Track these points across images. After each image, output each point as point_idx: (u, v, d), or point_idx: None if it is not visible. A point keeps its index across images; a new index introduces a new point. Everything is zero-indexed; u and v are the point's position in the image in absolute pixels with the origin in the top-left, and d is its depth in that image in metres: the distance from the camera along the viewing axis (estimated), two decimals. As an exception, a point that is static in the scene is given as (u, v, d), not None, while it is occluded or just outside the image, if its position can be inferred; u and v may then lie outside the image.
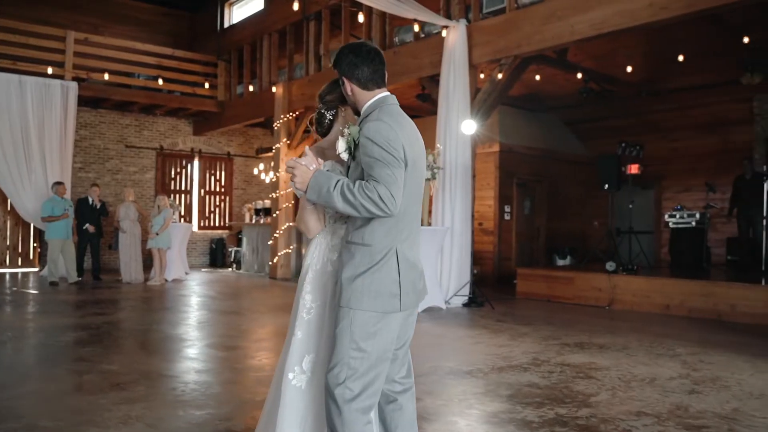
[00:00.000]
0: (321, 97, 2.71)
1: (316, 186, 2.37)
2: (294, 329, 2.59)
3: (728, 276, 9.27)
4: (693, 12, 7.08)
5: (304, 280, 2.62)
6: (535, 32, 8.40)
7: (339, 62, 2.55)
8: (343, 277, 2.44)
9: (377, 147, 2.34)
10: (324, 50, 12.10)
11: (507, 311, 8.69)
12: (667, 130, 13.47)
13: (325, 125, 2.72)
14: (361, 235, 2.44)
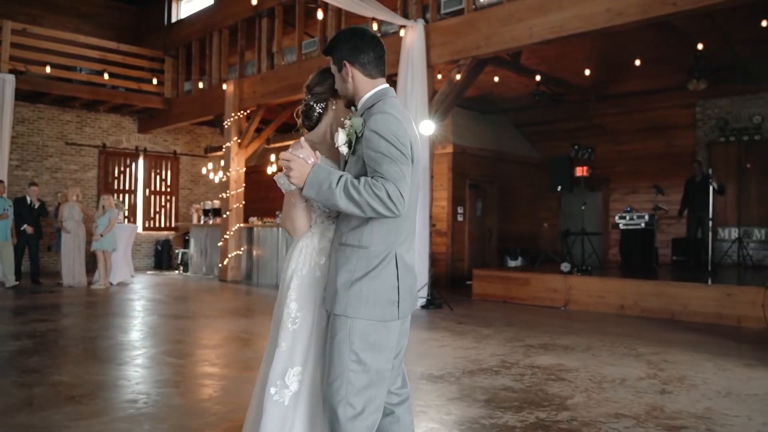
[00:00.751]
0: (309, 88, 2.53)
1: (315, 181, 2.16)
2: (278, 340, 2.38)
3: (678, 276, 9.50)
4: (647, 18, 7.21)
5: (289, 286, 2.41)
6: (494, 34, 8.41)
7: (339, 45, 2.37)
8: (338, 282, 2.26)
9: (384, 141, 2.16)
10: (277, 48, 11.86)
11: (466, 313, 8.67)
12: (614, 134, 13.78)
13: (314, 118, 2.54)
14: (358, 236, 2.26)
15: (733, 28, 9.14)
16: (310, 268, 2.42)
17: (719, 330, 7.33)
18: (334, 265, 2.31)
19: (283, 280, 2.47)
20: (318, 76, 2.54)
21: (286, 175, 2.21)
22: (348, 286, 2.24)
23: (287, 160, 2.20)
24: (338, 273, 2.27)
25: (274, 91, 11.78)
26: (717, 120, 12.15)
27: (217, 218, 14.03)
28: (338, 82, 2.40)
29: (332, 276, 2.31)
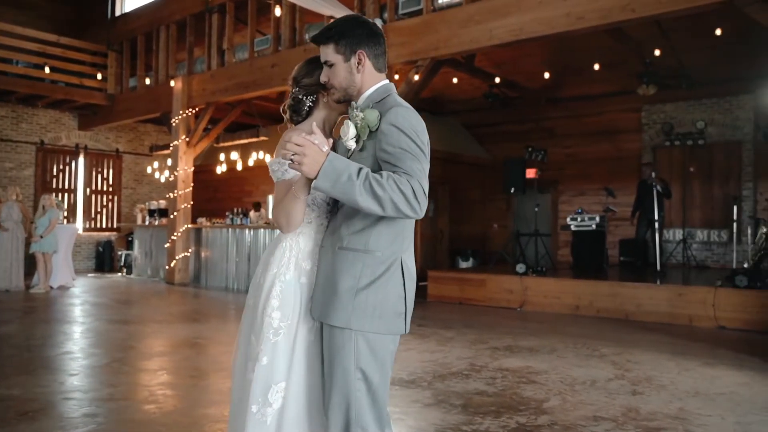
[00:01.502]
0: (296, 80, 2.35)
1: (332, 172, 1.90)
2: (257, 354, 2.14)
3: (629, 276, 9.70)
4: (607, 24, 7.31)
5: (269, 293, 2.17)
6: (453, 35, 8.39)
7: (350, 32, 2.14)
8: (339, 289, 2.05)
9: (405, 136, 2.00)
10: (228, 44, 11.56)
11: (424, 315, 8.62)
12: (563, 137, 14.00)
13: (304, 113, 2.33)
14: (364, 240, 2.07)
15: (679, 37, 9.39)
16: (295, 274, 2.20)
17: (673, 329, 7.51)
18: (331, 271, 2.10)
19: (259, 285, 2.23)
20: (305, 67, 2.35)
21: (297, 163, 1.92)
22: (353, 294, 2.05)
23: (300, 145, 1.92)
24: (339, 279, 2.06)
25: (224, 89, 11.47)
26: (663, 125, 12.49)
27: (163, 219, 13.59)
28: (340, 72, 2.16)
29: (329, 282, 2.10)
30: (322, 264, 2.17)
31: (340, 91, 2.22)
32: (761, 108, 11.46)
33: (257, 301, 2.22)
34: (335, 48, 2.16)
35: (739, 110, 11.83)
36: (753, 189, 11.72)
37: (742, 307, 7.59)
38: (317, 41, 2.19)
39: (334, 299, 2.07)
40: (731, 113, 11.90)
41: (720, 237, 12.03)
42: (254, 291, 2.27)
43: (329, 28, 2.18)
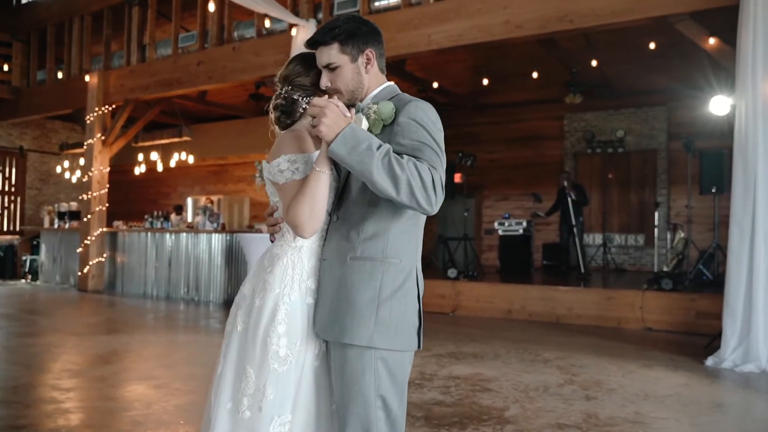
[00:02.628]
0: (288, 78, 2.11)
1: (351, 137, 1.75)
2: (261, 387, 1.90)
3: (555, 280, 9.93)
4: (545, 33, 7.46)
5: (272, 318, 1.92)
6: (391, 39, 8.30)
7: (357, 31, 1.99)
8: (358, 302, 1.86)
9: (424, 130, 1.85)
10: (149, 39, 11.02)
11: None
12: (488, 143, 14.21)
13: (298, 115, 2.11)
14: (380, 247, 1.90)
15: (603, 49, 9.70)
16: (301, 293, 1.97)
17: (603, 332, 7.70)
18: (344, 284, 1.90)
19: (255, 308, 1.97)
20: (299, 65, 2.12)
21: (316, 123, 1.77)
22: (374, 307, 1.86)
23: (322, 106, 1.78)
24: (356, 292, 1.87)
25: (145, 86, 10.92)
26: (584, 133, 12.90)
27: (74, 222, 12.78)
28: (347, 74, 1.99)
29: (342, 297, 1.90)
30: (327, 279, 1.97)
31: (346, 94, 2.03)
32: (673, 119, 12.08)
33: (253, 327, 1.96)
34: (340, 48, 1.98)
35: (655, 120, 12.39)
36: (667, 195, 12.29)
37: (667, 310, 7.89)
38: (320, 42, 2.00)
39: (351, 314, 1.87)
40: (648, 123, 12.46)
41: (636, 241, 12.55)
42: (246, 314, 1.99)
43: (332, 27, 2.00)
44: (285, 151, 1.97)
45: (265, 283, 1.98)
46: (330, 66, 2.00)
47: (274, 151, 2.02)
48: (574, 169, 13.05)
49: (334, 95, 2.04)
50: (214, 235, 10.19)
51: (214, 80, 9.87)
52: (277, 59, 9.17)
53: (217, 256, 10.12)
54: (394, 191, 1.75)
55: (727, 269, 6.14)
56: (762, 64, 5.94)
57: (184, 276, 10.51)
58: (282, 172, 1.94)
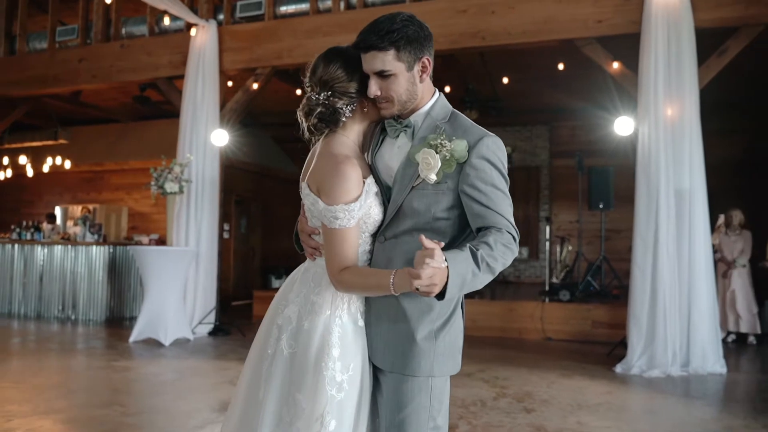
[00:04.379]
0: (327, 83, 1.85)
1: (458, 280, 1.61)
2: (320, 416, 1.74)
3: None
4: (457, 48, 7.54)
5: (325, 341, 1.80)
6: (299, 45, 8.08)
7: (415, 35, 1.79)
8: (418, 335, 1.79)
9: (498, 173, 1.78)
10: (20, 30, 9.95)
11: (261, 338, 8.08)
12: (375, 155, 14.25)
13: (340, 124, 1.89)
14: None
15: (496, 67, 10.01)
16: (352, 316, 1.87)
17: (508, 343, 7.87)
18: (402, 316, 1.81)
19: (303, 331, 1.82)
20: (341, 69, 1.86)
21: (427, 293, 1.59)
22: (433, 339, 1.81)
23: (432, 283, 1.56)
24: (415, 325, 1.81)
25: (15, 82, 9.83)
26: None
27: None
28: (402, 84, 1.81)
29: (401, 330, 1.81)
30: (379, 305, 1.86)
31: (398, 105, 1.85)
32: (554, 138, 12.76)
33: (302, 351, 1.82)
34: (396, 55, 1.79)
35: (538, 139, 13.02)
36: (548, 210, 12.92)
37: (565, 320, 8.22)
38: (375, 46, 1.78)
39: (412, 348, 1.81)
40: (531, 141, 13.05)
41: (521, 254, 13.05)
42: (293, 338, 1.85)
43: (390, 30, 1.78)
44: (344, 197, 1.78)
45: (313, 304, 1.86)
46: (383, 73, 1.81)
47: (322, 175, 1.82)
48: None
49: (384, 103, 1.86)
50: (95, 247, 9.35)
51: (98, 79, 9.09)
52: (173, 60, 8.63)
53: (99, 270, 9.28)
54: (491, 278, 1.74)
55: (632, 280, 6.47)
56: (663, 89, 6.36)
57: (59, 292, 9.52)
58: (337, 220, 1.78)
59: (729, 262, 7.97)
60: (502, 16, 7.19)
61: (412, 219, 1.82)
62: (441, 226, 1.82)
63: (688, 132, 6.29)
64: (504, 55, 8.97)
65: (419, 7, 7.49)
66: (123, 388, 5.37)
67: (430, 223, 1.81)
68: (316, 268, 1.91)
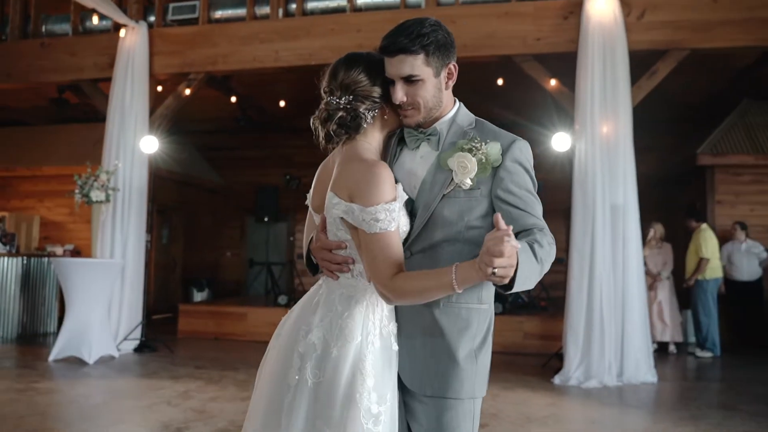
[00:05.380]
0: (350, 88, 1.77)
1: (525, 269, 1.51)
2: None
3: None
4: (397, 59, 7.53)
5: (358, 369, 1.66)
6: (234, 51, 7.85)
7: (444, 40, 1.74)
8: (460, 355, 1.71)
9: (529, 177, 1.76)
10: None
11: (192, 355, 7.74)
12: (300, 166, 14.03)
13: (361, 130, 1.79)
14: (477, 292, 1.75)
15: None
16: (384, 340, 1.74)
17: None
18: (439, 333, 1.72)
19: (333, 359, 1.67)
20: (364, 73, 1.77)
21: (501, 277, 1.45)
22: (474, 359, 1.74)
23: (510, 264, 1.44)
24: (456, 343, 1.73)
25: None
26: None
27: None
28: (429, 90, 1.75)
29: (441, 349, 1.73)
30: (413, 324, 1.76)
31: (423, 112, 1.79)
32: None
33: (330, 381, 1.66)
34: (425, 60, 1.73)
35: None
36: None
37: (498, 332, 8.22)
38: (405, 49, 1.71)
39: (454, 368, 1.72)
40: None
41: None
42: (318, 366, 1.68)
43: (420, 34, 1.71)
44: (382, 197, 1.66)
45: (341, 329, 1.71)
46: (411, 78, 1.74)
47: (355, 179, 1.69)
48: (388, 196, 13.39)
49: (409, 110, 1.78)
50: (6, 258, 8.69)
51: (14, 79, 8.50)
52: (98, 61, 8.19)
53: (11, 283, 8.62)
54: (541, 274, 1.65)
55: (568, 293, 6.64)
56: (599, 107, 6.59)
57: (-39, 308, 8.80)
58: (378, 222, 1.64)
59: (654, 274, 8.34)
60: (443, 30, 7.25)
61: (442, 229, 1.74)
62: (474, 235, 1.73)
63: (622, 149, 6.53)
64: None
65: (363, 17, 7.47)
66: (51, 413, 4.98)
67: (463, 233, 1.73)
68: (342, 289, 1.77)
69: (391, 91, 1.77)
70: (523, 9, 7.11)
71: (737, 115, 9.75)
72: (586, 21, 6.67)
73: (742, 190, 9.32)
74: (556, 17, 6.98)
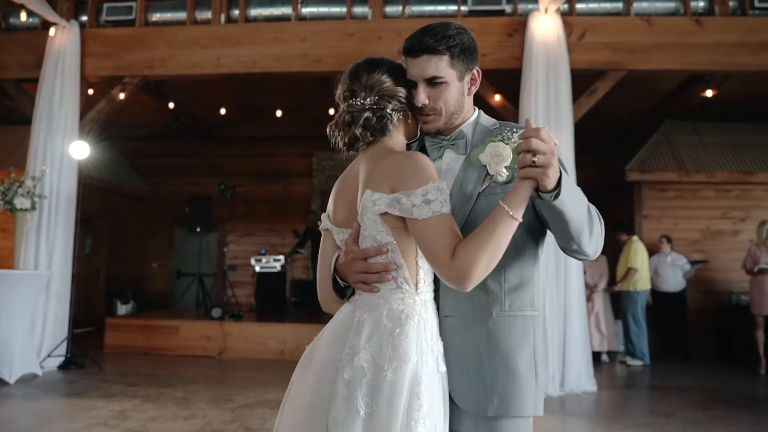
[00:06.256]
0: (374, 89, 1.70)
1: (569, 182, 1.49)
2: None
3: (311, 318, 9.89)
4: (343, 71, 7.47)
5: (414, 394, 1.51)
6: (173, 56, 7.58)
7: (469, 43, 1.73)
8: (520, 368, 1.62)
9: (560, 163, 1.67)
10: None
11: (122, 371, 7.37)
12: (233, 175, 13.71)
13: (387, 132, 1.72)
14: (529, 298, 1.68)
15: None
16: (434, 360, 1.60)
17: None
18: (494, 346, 1.63)
19: (388, 383, 1.51)
20: (387, 74, 1.71)
21: (542, 167, 1.42)
22: (533, 371, 1.65)
23: (551, 147, 1.42)
24: (515, 356, 1.63)
25: None
26: (337, 171, 13.20)
27: None
28: (453, 94, 1.73)
29: (498, 363, 1.62)
30: (461, 340, 1.65)
31: (445, 118, 1.76)
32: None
33: (387, 408, 1.50)
34: (450, 62, 1.71)
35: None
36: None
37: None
38: (431, 49, 1.67)
39: (514, 383, 1.61)
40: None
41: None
42: (371, 393, 1.52)
43: (446, 35, 1.69)
44: (429, 176, 1.56)
45: (395, 349, 1.54)
46: (435, 80, 1.70)
47: (396, 168, 1.60)
48: (322, 207, 13.26)
49: (431, 115, 1.74)
50: None
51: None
52: (24, 61, 7.74)
53: None
54: (591, 247, 1.62)
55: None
56: (542, 123, 6.71)
57: None
58: (430, 203, 1.51)
59: (591, 286, 8.58)
60: (389, 42, 7.24)
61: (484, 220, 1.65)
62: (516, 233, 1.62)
63: (565, 165, 6.69)
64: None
65: (308, 27, 7.38)
66: (-24, 437, 4.61)
67: None
68: (390, 304, 1.60)
69: (412, 94, 1.72)
70: (468, 24, 7.02)
71: (662, 133, 10.22)
72: (530, 39, 6.83)
73: (666, 205, 9.75)
74: (501, 34, 7.11)
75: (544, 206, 1.52)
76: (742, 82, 8.60)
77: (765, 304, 7.63)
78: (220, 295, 13.21)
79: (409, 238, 1.59)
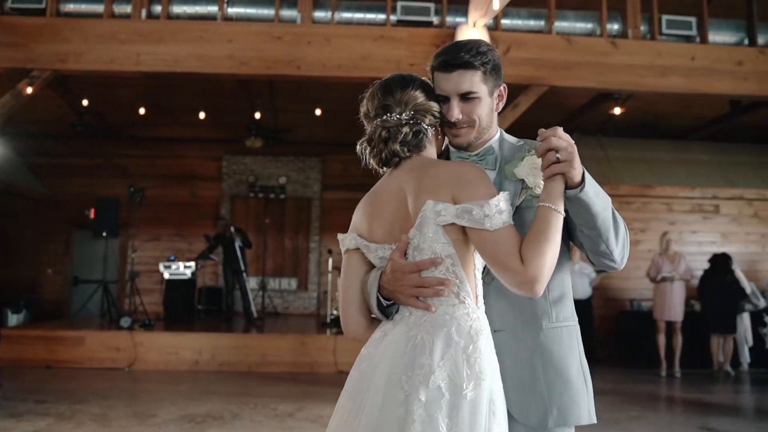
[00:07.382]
0: (410, 104, 1.67)
1: (590, 177, 1.59)
2: None
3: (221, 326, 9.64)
4: (271, 74, 7.37)
5: (491, 412, 1.49)
6: (89, 50, 7.14)
7: (498, 60, 1.76)
8: (572, 377, 1.66)
9: None
10: None
11: (21, 386, 6.84)
12: (138, 177, 13.08)
13: (423, 147, 1.70)
14: (569, 309, 1.75)
15: (281, 97, 9.96)
16: (499, 376, 1.58)
17: (303, 378, 7.72)
18: (548, 358, 1.66)
19: (469, 402, 1.46)
20: (419, 89, 1.69)
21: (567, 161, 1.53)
22: (582, 378, 1.70)
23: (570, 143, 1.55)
24: (566, 365, 1.67)
25: None
26: (248, 175, 12.95)
27: None
28: (484, 109, 1.74)
29: (552, 373, 1.65)
30: (511, 353, 1.66)
31: (476, 132, 1.77)
32: (327, 170, 13.04)
33: (469, 428, 1.44)
34: (483, 78, 1.73)
35: (311, 170, 13.14)
36: (318, 242, 13.06)
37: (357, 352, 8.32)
38: (467, 64, 1.69)
39: (569, 392, 1.66)
40: (304, 172, 13.13)
41: (290, 285, 12.98)
42: (451, 415, 1.45)
43: (480, 51, 1.72)
44: (493, 188, 1.57)
45: (471, 366, 1.49)
46: (469, 95, 1.72)
47: (456, 177, 1.58)
48: (231, 212, 12.96)
49: (464, 128, 1.75)
50: None
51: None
52: None
53: None
54: (617, 251, 1.67)
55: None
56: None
57: None
58: (501, 214, 1.50)
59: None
60: (318, 48, 7.18)
61: None
62: None
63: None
64: (290, 85, 9.04)
65: (234, 27, 7.17)
66: None
67: None
68: (458, 321, 1.54)
69: (444, 109, 1.72)
70: (397, 34, 7.27)
71: (569, 148, 10.72)
72: (458, 51, 6.96)
73: (573, 217, 10.22)
74: (430, 45, 7.21)
75: (572, 203, 1.58)
76: (642, 101, 9.19)
77: (667, 310, 8.16)
78: (124, 304, 12.57)
79: (468, 250, 1.57)
